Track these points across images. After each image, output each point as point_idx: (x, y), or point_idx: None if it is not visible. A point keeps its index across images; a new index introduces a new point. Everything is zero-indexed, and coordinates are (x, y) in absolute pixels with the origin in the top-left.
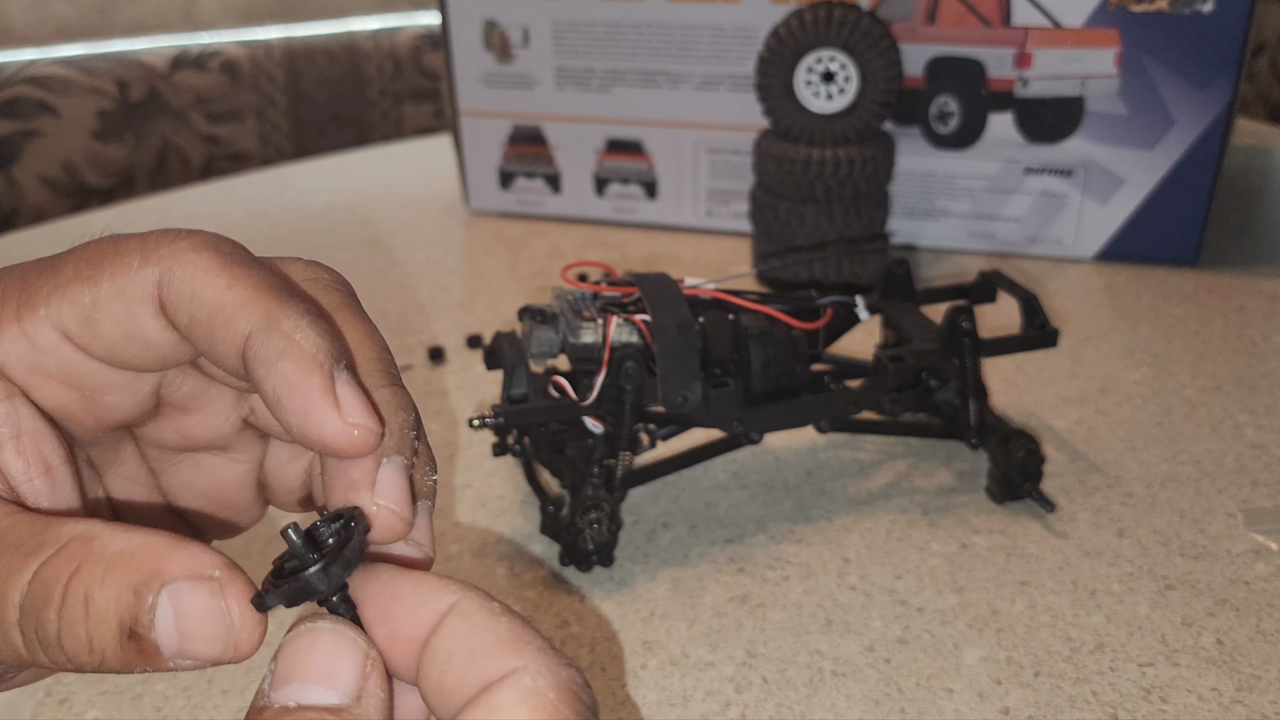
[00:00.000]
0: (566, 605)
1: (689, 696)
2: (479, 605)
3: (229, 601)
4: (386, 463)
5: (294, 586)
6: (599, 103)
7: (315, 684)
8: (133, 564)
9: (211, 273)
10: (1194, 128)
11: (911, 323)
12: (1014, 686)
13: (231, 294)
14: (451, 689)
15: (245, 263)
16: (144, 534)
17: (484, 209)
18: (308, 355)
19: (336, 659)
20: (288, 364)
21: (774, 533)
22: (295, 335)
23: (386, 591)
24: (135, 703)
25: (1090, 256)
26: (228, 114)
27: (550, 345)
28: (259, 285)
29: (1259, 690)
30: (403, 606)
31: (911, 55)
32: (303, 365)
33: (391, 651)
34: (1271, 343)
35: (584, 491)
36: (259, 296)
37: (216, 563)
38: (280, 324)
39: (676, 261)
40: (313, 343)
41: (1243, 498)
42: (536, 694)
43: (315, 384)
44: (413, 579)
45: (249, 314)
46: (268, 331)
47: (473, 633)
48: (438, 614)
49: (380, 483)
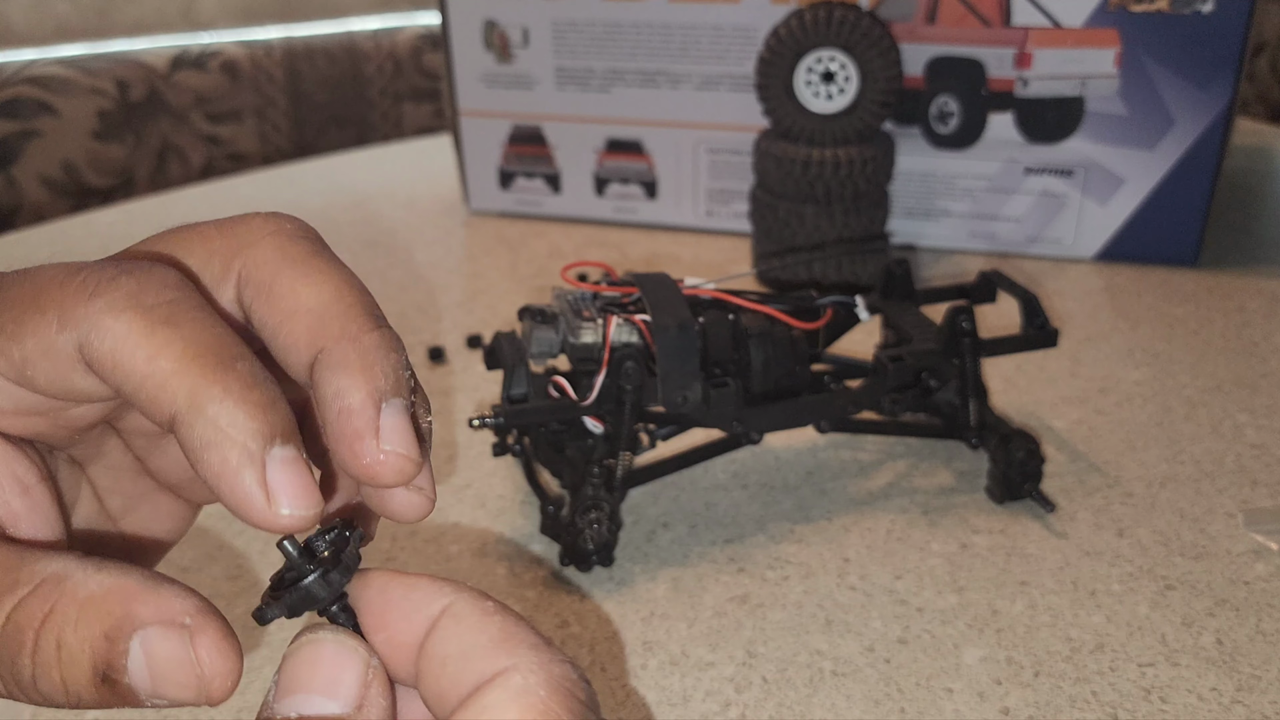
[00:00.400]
0: (566, 605)
1: (689, 696)
2: (471, 606)
3: (199, 651)
4: (386, 407)
5: (293, 597)
6: (599, 103)
7: (318, 694)
8: (104, 608)
9: (130, 342)
10: (1194, 128)
11: (911, 323)
12: (1014, 686)
13: (153, 368)
14: (447, 691)
15: (171, 321)
16: (117, 574)
17: (484, 209)
18: (235, 444)
19: (338, 669)
20: (214, 455)
21: (774, 533)
22: (221, 421)
23: (381, 598)
24: None
25: (1090, 256)
26: (228, 114)
27: (550, 345)
28: (184, 354)
29: (1259, 690)
30: (397, 612)
31: (911, 55)
32: (230, 456)
33: (391, 657)
34: (1271, 343)
35: (584, 491)
36: (183, 370)
37: (188, 608)
38: (205, 408)
39: (676, 261)
40: (241, 428)
41: (1243, 498)
42: (527, 692)
43: (245, 477)
44: (406, 583)
45: (172, 394)
46: (192, 417)
47: (465, 634)
48: (431, 618)
49: (384, 429)
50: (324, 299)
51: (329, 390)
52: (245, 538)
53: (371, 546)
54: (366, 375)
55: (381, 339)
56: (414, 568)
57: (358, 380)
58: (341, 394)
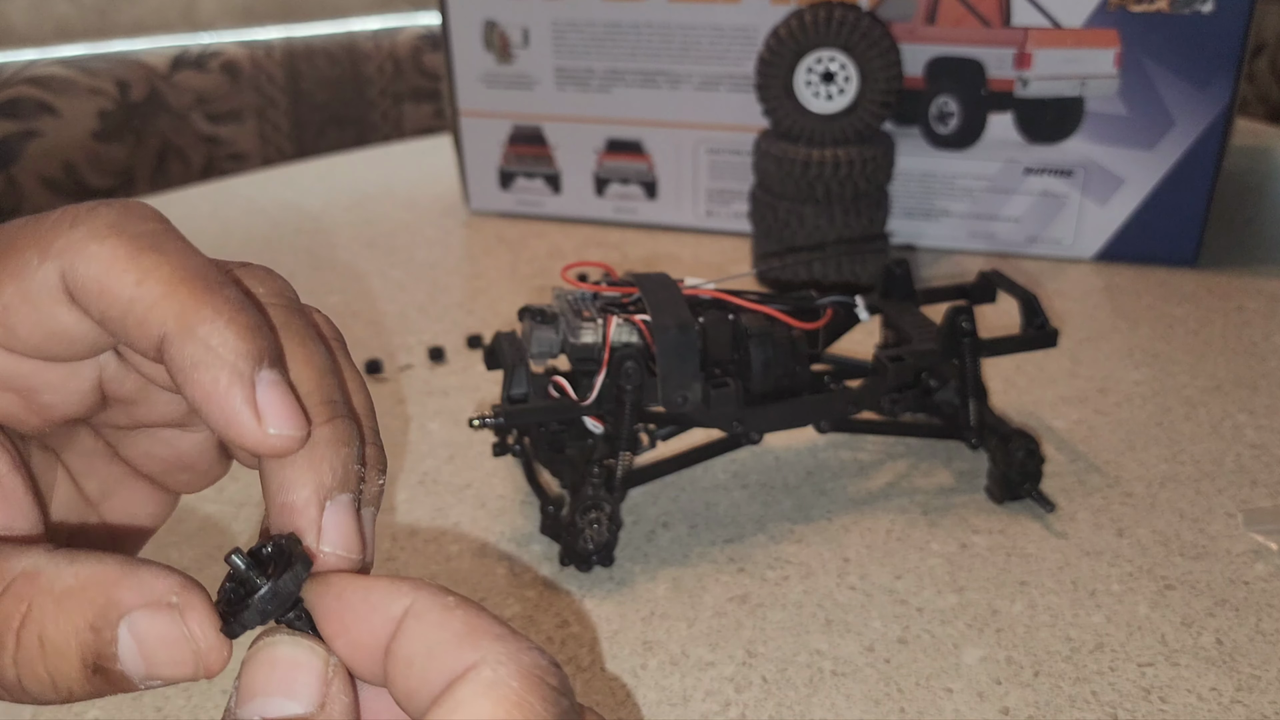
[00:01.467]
0: (566, 605)
1: (689, 696)
2: (432, 603)
3: (191, 625)
4: (330, 505)
5: (245, 611)
6: (599, 103)
7: (279, 696)
8: (85, 598)
9: (118, 266)
10: (1194, 128)
11: (911, 323)
12: (1014, 686)
13: (141, 291)
14: (418, 691)
15: (157, 247)
16: (93, 563)
17: (484, 209)
18: (225, 364)
19: (298, 670)
20: (204, 374)
21: (774, 533)
22: (212, 340)
23: (339, 602)
24: (135, 702)
25: (1090, 256)
26: (228, 114)
27: (550, 345)
28: (172, 278)
29: (1259, 690)
30: (356, 615)
31: (911, 55)
32: (220, 376)
33: (355, 660)
34: (1271, 343)
35: (584, 491)
36: (172, 293)
37: (172, 586)
38: (195, 329)
39: (676, 261)
40: (231, 349)
41: (1242, 498)
42: (498, 685)
43: (235, 396)
44: (363, 587)
45: (161, 315)
46: (182, 338)
47: (429, 632)
48: (393, 618)
49: (325, 528)
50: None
51: (274, 481)
52: (246, 537)
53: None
54: (313, 471)
55: (335, 432)
56: (414, 568)
57: (304, 476)
58: (286, 488)
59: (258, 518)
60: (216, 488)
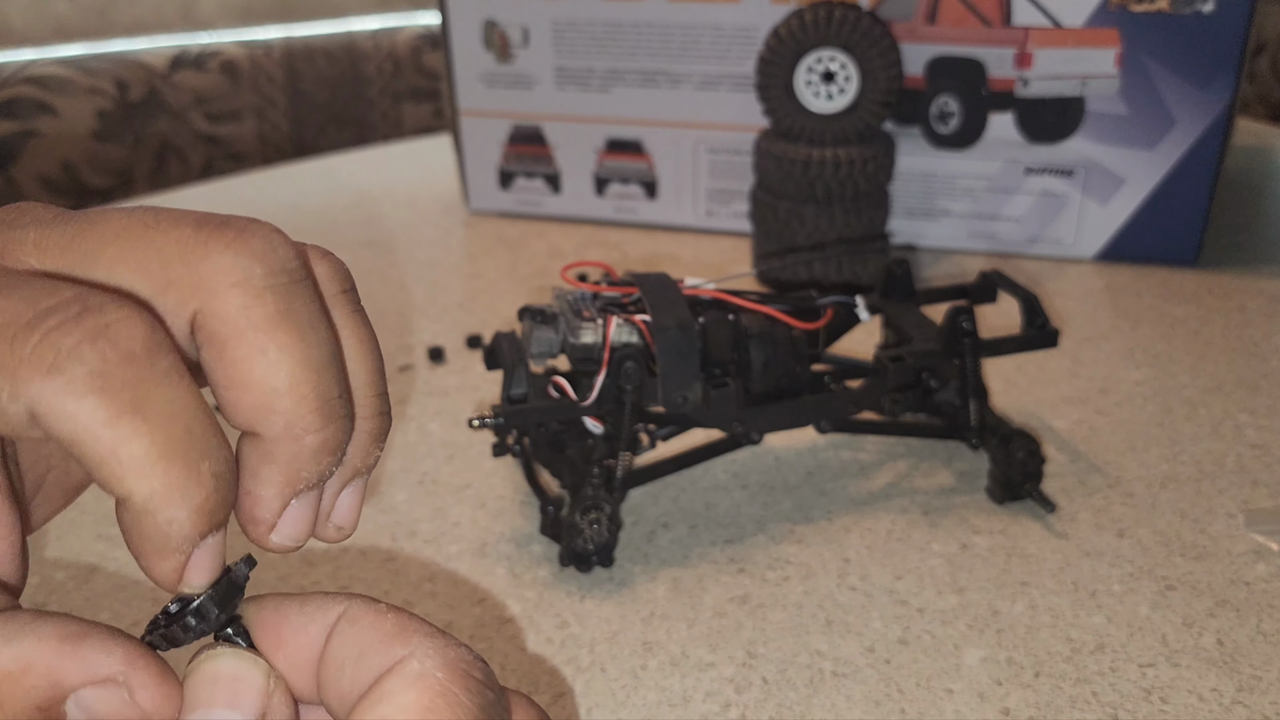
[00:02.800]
0: (566, 605)
1: (689, 697)
2: (364, 608)
3: (140, 701)
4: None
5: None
6: (599, 103)
7: (220, 709)
8: (27, 683)
9: (93, 433)
10: (1194, 128)
11: (911, 323)
12: (1014, 687)
13: (115, 459)
14: (347, 692)
15: (136, 407)
16: (31, 640)
17: (484, 209)
18: (174, 547)
19: (237, 682)
20: (149, 547)
21: (774, 533)
22: (171, 529)
23: (275, 618)
24: None
25: (1090, 256)
26: (227, 114)
27: (550, 345)
28: (149, 454)
29: (1260, 691)
30: (293, 628)
31: (911, 55)
32: (164, 552)
33: (292, 675)
34: (1272, 343)
35: (584, 492)
36: (147, 471)
37: (116, 663)
38: (158, 514)
39: (676, 261)
40: (186, 537)
41: (1243, 498)
42: (423, 676)
43: (168, 566)
44: (298, 601)
45: (129, 490)
46: (143, 515)
47: (361, 634)
48: (327, 627)
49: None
50: (275, 383)
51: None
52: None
53: (371, 546)
54: (288, 476)
55: (322, 443)
56: (414, 568)
57: (278, 477)
58: (258, 480)
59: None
60: None
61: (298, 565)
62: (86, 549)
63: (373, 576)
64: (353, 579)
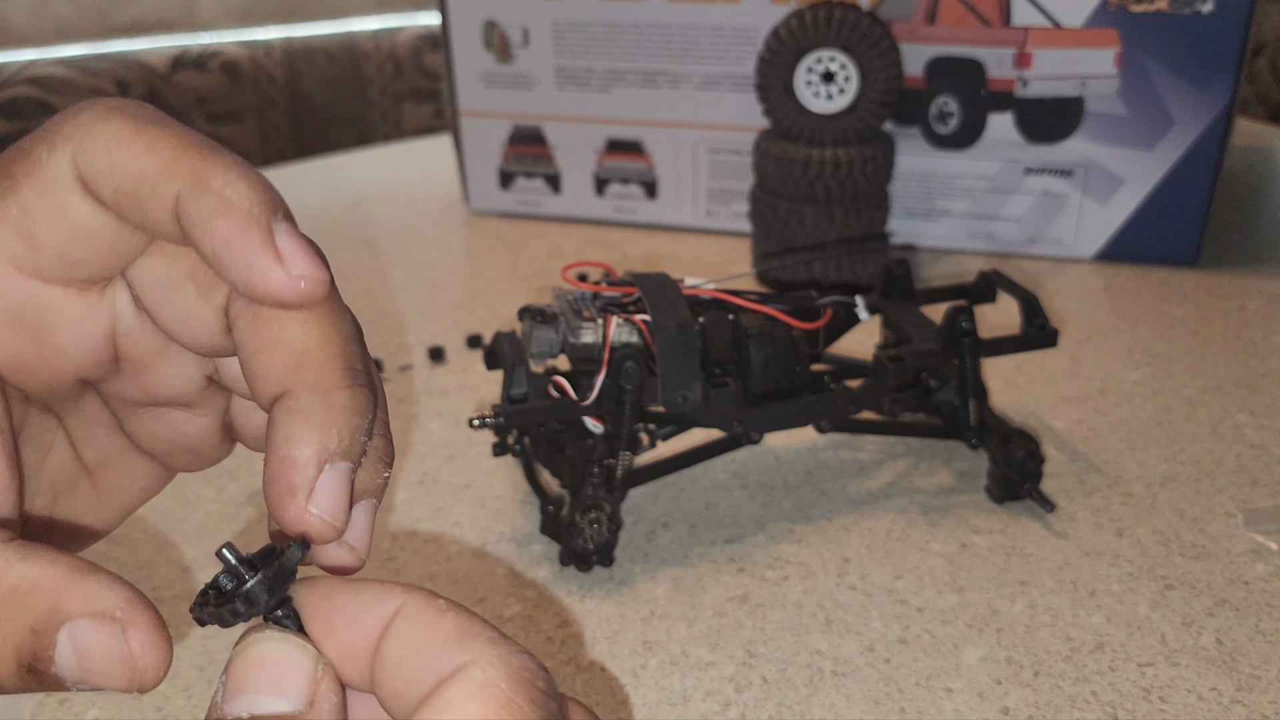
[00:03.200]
0: (566, 605)
1: (689, 696)
2: (423, 605)
3: (131, 642)
4: (329, 469)
5: (233, 601)
6: (599, 103)
7: (266, 694)
8: (30, 602)
9: (125, 139)
10: (1194, 128)
11: (911, 323)
12: (1014, 686)
13: (151, 158)
14: (404, 692)
15: (160, 121)
16: (44, 564)
17: (484, 209)
18: (242, 210)
19: (285, 667)
20: (222, 222)
21: (774, 533)
22: (226, 192)
23: (327, 605)
24: (135, 702)
25: (1090, 256)
26: (228, 114)
27: (550, 345)
28: (179, 144)
29: (1259, 690)
30: (346, 617)
31: (911, 55)
32: (238, 221)
33: (343, 663)
34: (1271, 343)
35: (584, 491)
36: (181, 155)
37: (119, 600)
38: (209, 182)
39: (676, 261)
40: (245, 196)
41: (1242, 498)
42: (488, 685)
43: (254, 239)
44: (352, 588)
45: (173, 175)
46: (197, 192)
47: (419, 633)
48: (383, 620)
49: (318, 491)
50: (308, 342)
51: (281, 434)
52: (245, 539)
53: (371, 545)
54: (322, 433)
55: (351, 399)
56: (414, 568)
57: (312, 435)
58: (291, 442)
59: (258, 517)
60: (217, 488)
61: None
62: (86, 548)
63: (373, 576)
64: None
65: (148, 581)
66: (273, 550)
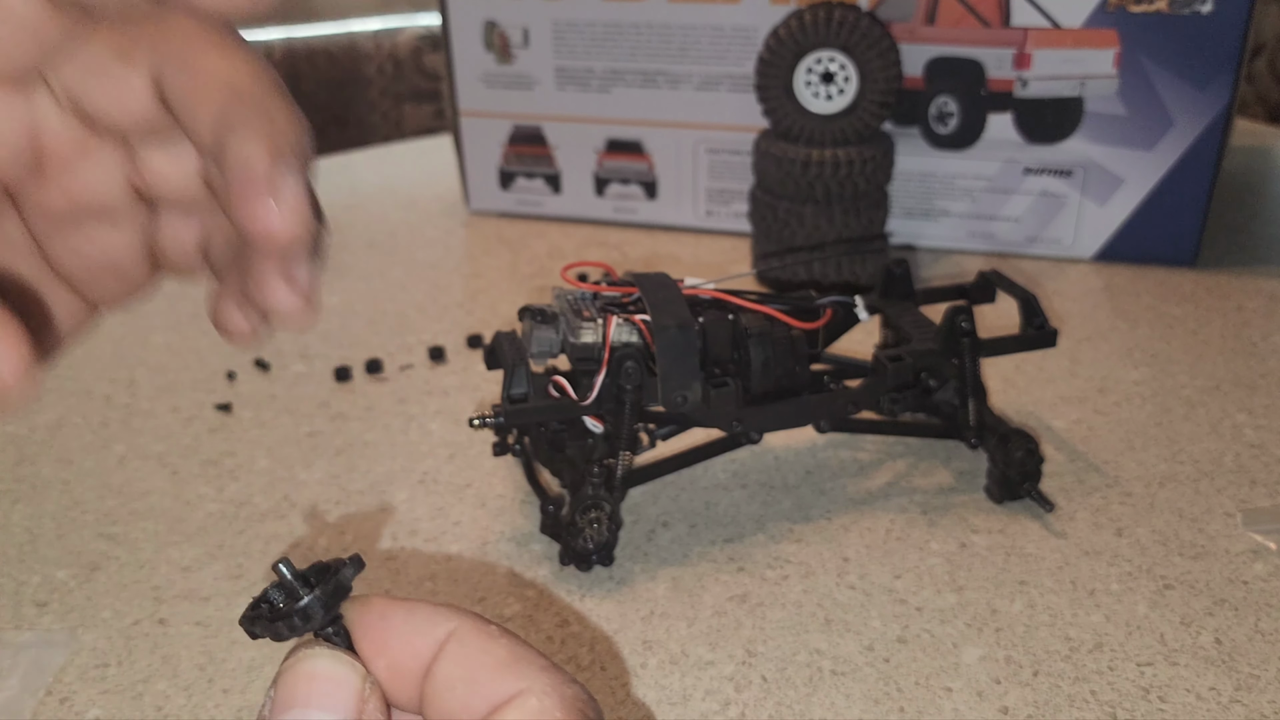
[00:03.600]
0: (566, 605)
1: (689, 696)
2: (477, 629)
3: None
4: (288, 172)
5: (290, 617)
6: (599, 103)
7: (315, 709)
8: None
9: None
10: (1193, 128)
11: (911, 323)
12: (1013, 686)
13: None
14: (456, 715)
15: None
16: None
17: (484, 209)
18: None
19: (334, 684)
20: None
21: (773, 532)
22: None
23: (381, 624)
24: (136, 701)
25: (1089, 256)
26: None
27: (550, 345)
28: None
29: (1257, 690)
30: (399, 637)
31: (911, 55)
32: None
33: (391, 683)
34: (1270, 343)
35: (584, 491)
36: None
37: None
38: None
39: (676, 261)
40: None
41: (1241, 497)
42: (543, 714)
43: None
44: (405, 609)
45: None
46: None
47: (472, 657)
48: (436, 642)
49: (282, 191)
50: (243, 77)
51: (238, 153)
52: (245, 537)
53: (371, 546)
54: (276, 143)
55: (293, 118)
56: (414, 567)
57: (265, 146)
58: (249, 158)
59: (259, 516)
60: (217, 488)
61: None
62: (87, 548)
63: (374, 575)
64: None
65: (148, 581)
66: (327, 567)
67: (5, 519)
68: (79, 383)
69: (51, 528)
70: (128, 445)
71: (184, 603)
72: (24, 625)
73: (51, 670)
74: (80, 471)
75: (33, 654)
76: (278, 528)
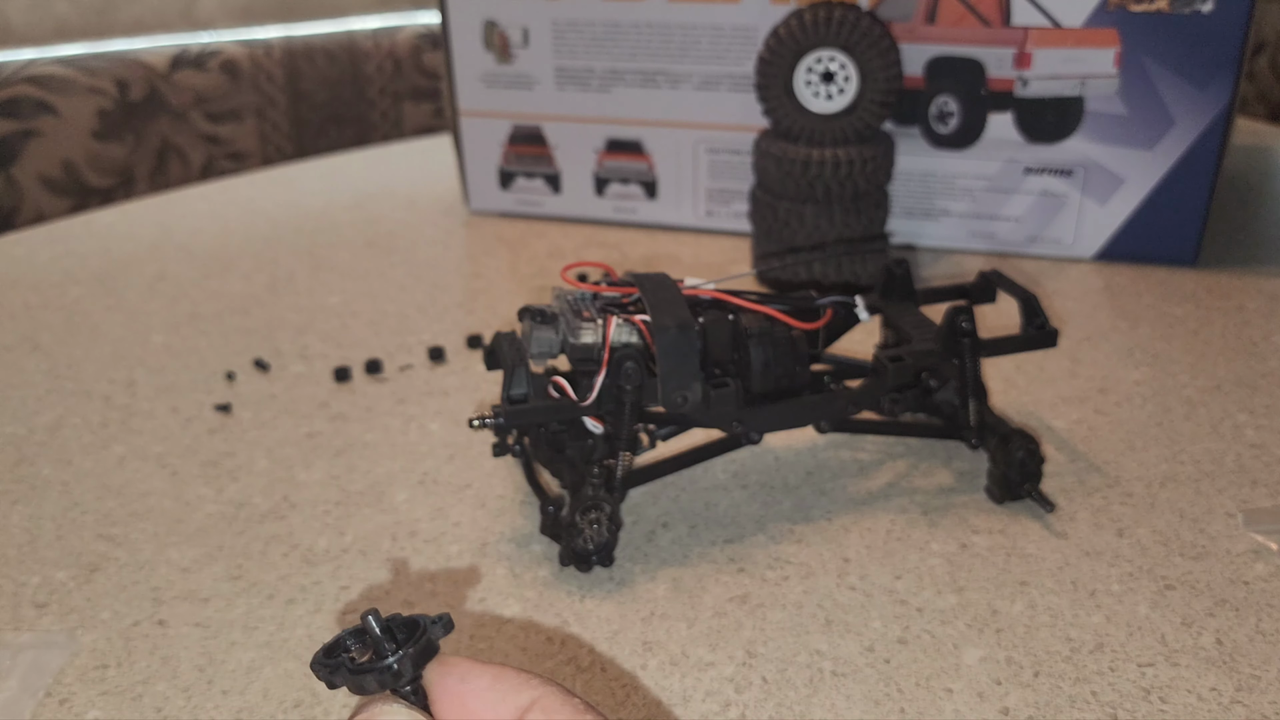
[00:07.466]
0: (566, 605)
1: (689, 696)
2: (561, 701)
3: None
4: None
5: (378, 672)
6: (599, 103)
7: None
8: None
9: None
10: (1194, 127)
11: (911, 323)
12: (1014, 687)
13: None
14: None
15: None
16: None
17: (484, 209)
18: None
19: None
20: None
21: (774, 533)
22: None
23: (462, 687)
24: (135, 703)
25: (1090, 256)
26: (228, 114)
27: (550, 345)
28: None
29: (1259, 690)
30: (481, 703)
31: (911, 55)
32: None
33: None
34: (1271, 342)
35: (584, 491)
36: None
37: None
38: None
39: (676, 261)
40: None
41: (1242, 498)
42: None
43: None
44: (490, 674)
45: None
46: None
47: None
48: (518, 710)
49: None
50: None
51: None
52: (245, 538)
53: (372, 546)
54: None
55: None
56: (413, 567)
57: None
58: None
59: (258, 517)
60: (217, 488)
61: (298, 565)
62: (86, 549)
63: (373, 576)
64: (353, 579)
65: (147, 582)
66: (416, 624)
67: (4, 520)
68: (79, 383)
69: (51, 529)
70: (127, 446)
71: (183, 604)
72: (23, 626)
73: (51, 671)
74: (79, 472)
75: (32, 655)
76: (277, 528)
